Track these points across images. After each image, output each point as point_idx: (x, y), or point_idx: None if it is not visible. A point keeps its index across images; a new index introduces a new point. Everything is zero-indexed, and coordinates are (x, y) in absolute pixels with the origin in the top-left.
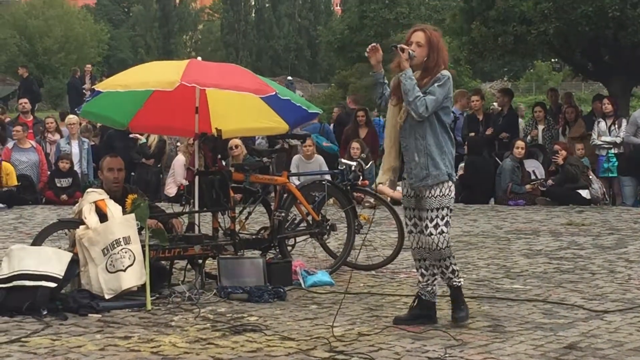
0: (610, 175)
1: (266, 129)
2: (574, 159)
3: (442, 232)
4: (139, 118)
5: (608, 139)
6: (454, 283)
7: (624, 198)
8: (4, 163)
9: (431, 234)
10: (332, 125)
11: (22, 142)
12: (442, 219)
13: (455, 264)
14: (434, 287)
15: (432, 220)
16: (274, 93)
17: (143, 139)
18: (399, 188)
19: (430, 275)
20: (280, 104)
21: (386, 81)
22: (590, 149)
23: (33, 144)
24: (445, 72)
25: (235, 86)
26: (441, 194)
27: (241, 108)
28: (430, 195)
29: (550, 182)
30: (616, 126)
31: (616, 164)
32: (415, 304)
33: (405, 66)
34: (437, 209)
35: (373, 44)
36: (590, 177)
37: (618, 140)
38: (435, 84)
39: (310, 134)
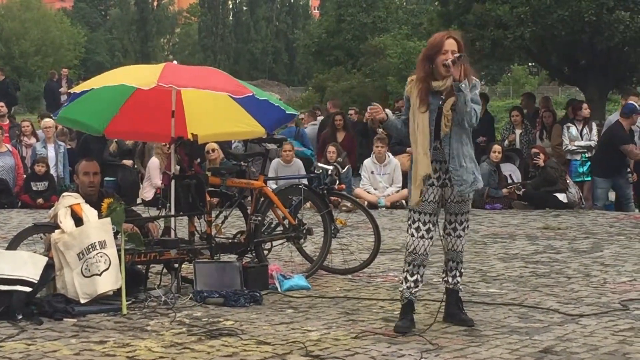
0: (585, 179)
1: (242, 133)
2: (553, 162)
3: (467, 234)
4: (114, 124)
5: (582, 143)
6: (460, 287)
7: (595, 199)
8: None
9: (460, 236)
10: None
11: None
12: (468, 221)
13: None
14: (417, 292)
15: (461, 223)
16: (251, 94)
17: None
18: (375, 192)
19: (421, 282)
20: (257, 107)
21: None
22: (558, 153)
23: (9, 147)
24: (476, 79)
25: (212, 87)
26: (471, 197)
27: (217, 113)
28: (467, 199)
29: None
30: (587, 130)
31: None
32: (409, 309)
33: (463, 76)
34: (467, 212)
35: (376, 106)
36: (568, 181)
37: (593, 143)
38: (475, 91)
39: (287, 138)
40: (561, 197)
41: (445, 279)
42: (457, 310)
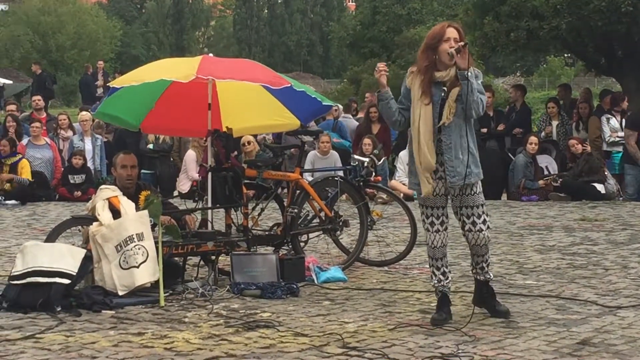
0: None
1: (277, 126)
2: (595, 153)
3: (489, 227)
4: (150, 119)
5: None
6: (490, 276)
7: (627, 187)
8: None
9: (481, 230)
10: None
11: (37, 138)
12: (486, 214)
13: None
14: (449, 282)
15: (479, 216)
16: (289, 85)
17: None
18: None
19: (449, 272)
20: (292, 98)
21: (392, 96)
22: (596, 146)
23: (47, 140)
24: (477, 70)
25: (250, 78)
26: (481, 190)
27: (252, 105)
28: (475, 192)
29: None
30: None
31: None
32: (445, 302)
33: (468, 65)
34: (482, 205)
35: (384, 64)
36: (606, 173)
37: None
38: (479, 81)
39: (323, 130)
40: (599, 187)
41: (474, 271)
42: (492, 300)
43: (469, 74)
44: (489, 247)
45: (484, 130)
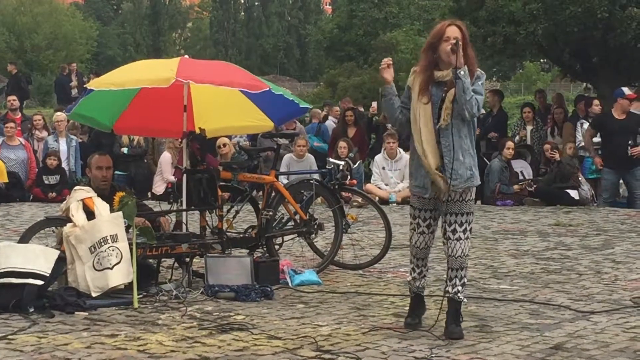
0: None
1: (250, 127)
2: (568, 159)
3: (469, 237)
4: (123, 120)
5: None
6: (461, 297)
7: (603, 190)
8: None
9: (460, 239)
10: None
11: (11, 139)
12: (470, 224)
13: (466, 277)
14: (424, 283)
15: (462, 224)
16: (268, 89)
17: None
18: (386, 187)
19: (426, 271)
20: (267, 101)
21: (396, 93)
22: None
23: (22, 141)
24: (481, 70)
25: (229, 82)
26: (472, 197)
27: (224, 107)
28: (464, 198)
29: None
30: None
31: None
32: (418, 304)
33: (462, 63)
34: (468, 214)
35: (389, 59)
36: (580, 178)
37: None
38: (479, 82)
39: (299, 134)
40: (573, 193)
41: (446, 288)
42: (450, 318)
43: (462, 72)
44: (465, 264)
45: None
